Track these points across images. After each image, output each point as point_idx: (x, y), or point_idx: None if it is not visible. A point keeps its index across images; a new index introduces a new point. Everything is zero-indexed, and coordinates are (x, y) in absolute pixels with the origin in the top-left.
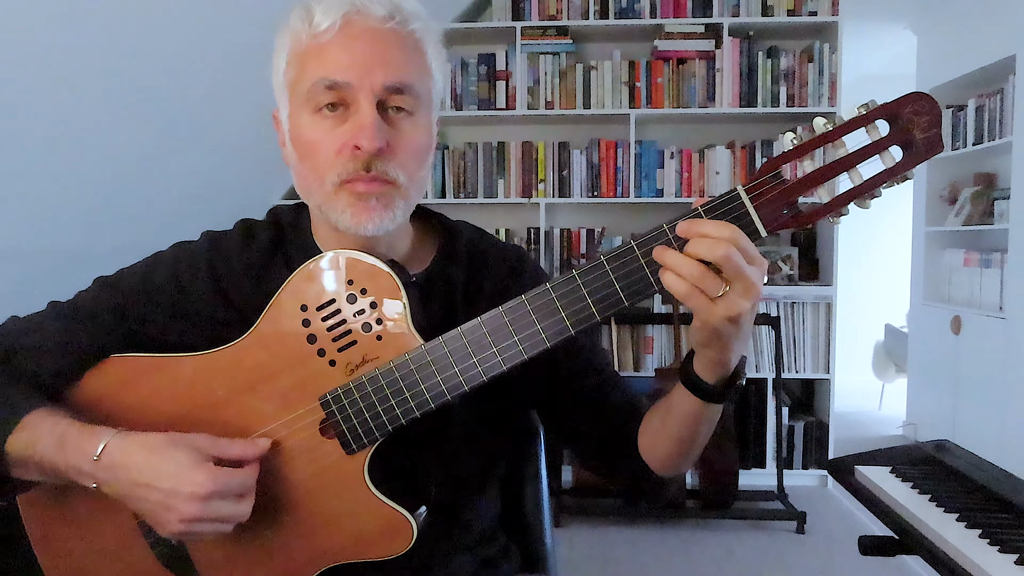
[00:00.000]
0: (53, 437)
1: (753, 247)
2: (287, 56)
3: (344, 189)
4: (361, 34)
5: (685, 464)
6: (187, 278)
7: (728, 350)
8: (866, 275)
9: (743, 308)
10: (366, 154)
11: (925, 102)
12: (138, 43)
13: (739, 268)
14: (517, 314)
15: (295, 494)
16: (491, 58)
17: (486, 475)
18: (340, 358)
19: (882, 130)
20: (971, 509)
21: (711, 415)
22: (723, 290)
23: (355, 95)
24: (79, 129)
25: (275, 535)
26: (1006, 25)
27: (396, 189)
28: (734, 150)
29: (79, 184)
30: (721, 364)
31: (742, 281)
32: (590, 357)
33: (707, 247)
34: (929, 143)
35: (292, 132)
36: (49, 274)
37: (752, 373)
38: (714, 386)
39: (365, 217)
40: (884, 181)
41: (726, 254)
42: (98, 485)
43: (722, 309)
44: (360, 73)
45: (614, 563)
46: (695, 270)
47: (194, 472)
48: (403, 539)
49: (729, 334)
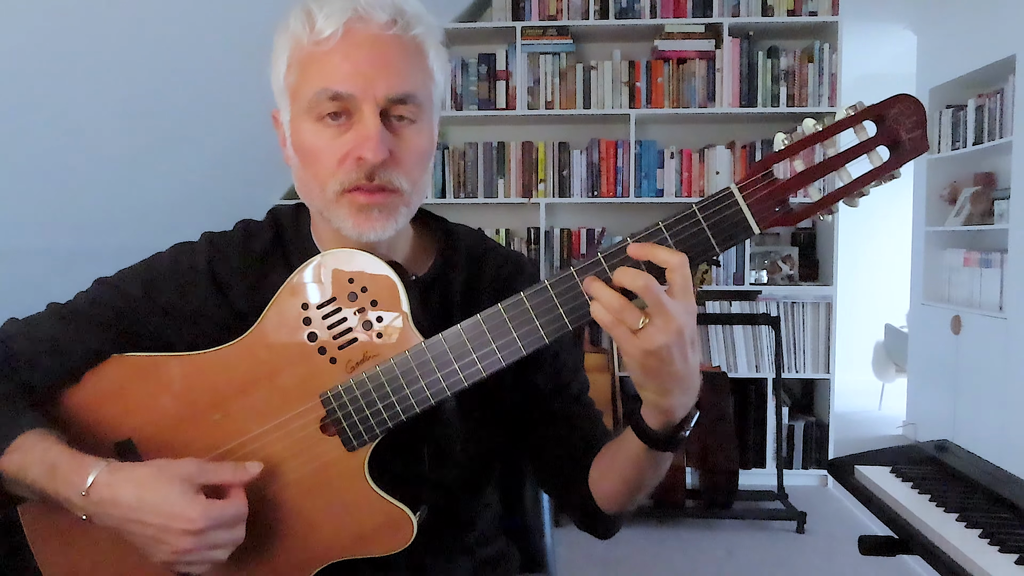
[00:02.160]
0: (44, 465)
1: (688, 283)
2: (287, 59)
3: (345, 198)
4: (363, 42)
5: (629, 504)
6: (187, 278)
7: (666, 395)
8: (866, 275)
9: (660, 342)
10: (369, 165)
11: (910, 103)
12: (138, 43)
13: (658, 300)
14: (516, 311)
15: (296, 491)
16: (491, 58)
17: (485, 476)
18: (341, 356)
19: (869, 131)
20: (971, 509)
21: (657, 461)
22: (642, 323)
23: (358, 105)
24: (79, 129)
25: (276, 532)
26: (1006, 25)
27: (399, 197)
28: (734, 150)
29: (79, 184)
30: (662, 411)
31: (662, 315)
32: (570, 379)
33: (630, 277)
34: (914, 143)
35: (294, 137)
36: (49, 274)
37: (752, 373)
38: (656, 432)
39: (367, 226)
40: (872, 180)
41: (645, 284)
42: (88, 518)
43: (641, 341)
44: (363, 84)
45: (614, 563)
46: (615, 302)
47: (185, 507)
48: (403, 535)
49: (655, 370)
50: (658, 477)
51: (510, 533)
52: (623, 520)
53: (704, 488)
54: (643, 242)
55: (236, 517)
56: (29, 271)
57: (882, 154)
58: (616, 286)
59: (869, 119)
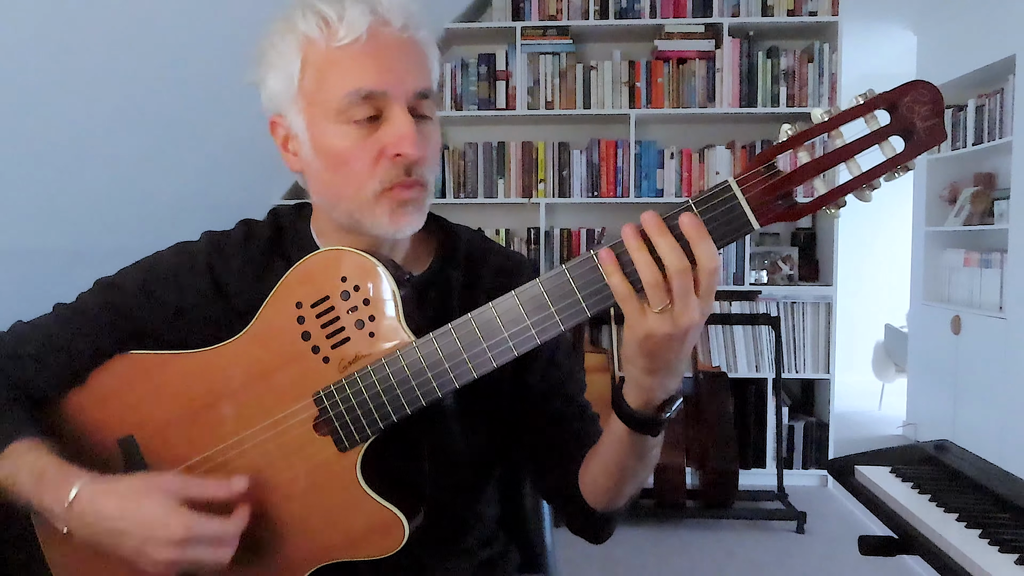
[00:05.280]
0: (33, 475)
1: (714, 288)
2: (300, 63)
3: (386, 197)
4: (390, 43)
5: (616, 498)
6: (187, 278)
7: (652, 374)
8: (866, 275)
9: (668, 330)
10: (410, 161)
11: (926, 90)
12: (138, 43)
13: (688, 292)
14: (506, 309)
15: (288, 491)
16: (491, 58)
17: (484, 476)
18: (334, 355)
19: (881, 120)
20: (971, 509)
21: (639, 447)
22: (663, 306)
23: (389, 103)
24: (79, 129)
25: (268, 532)
26: (1006, 25)
27: (426, 191)
28: (734, 150)
29: (79, 184)
30: (644, 389)
31: (684, 307)
32: (565, 380)
33: (676, 253)
34: (931, 132)
35: (315, 141)
36: (49, 274)
37: (752, 373)
38: (636, 412)
39: (404, 222)
40: (884, 172)
41: (684, 268)
42: (69, 531)
43: (651, 323)
44: (394, 81)
45: (614, 563)
46: (651, 276)
47: (168, 517)
48: (394, 538)
49: (650, 352)
50: (644, 468)
51: (510, 533)
52: (615, 523)
53: (704, 488)
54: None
55: (218, 534)
56: (29, 271)
57: (895, 144)
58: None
59: (881, 107)
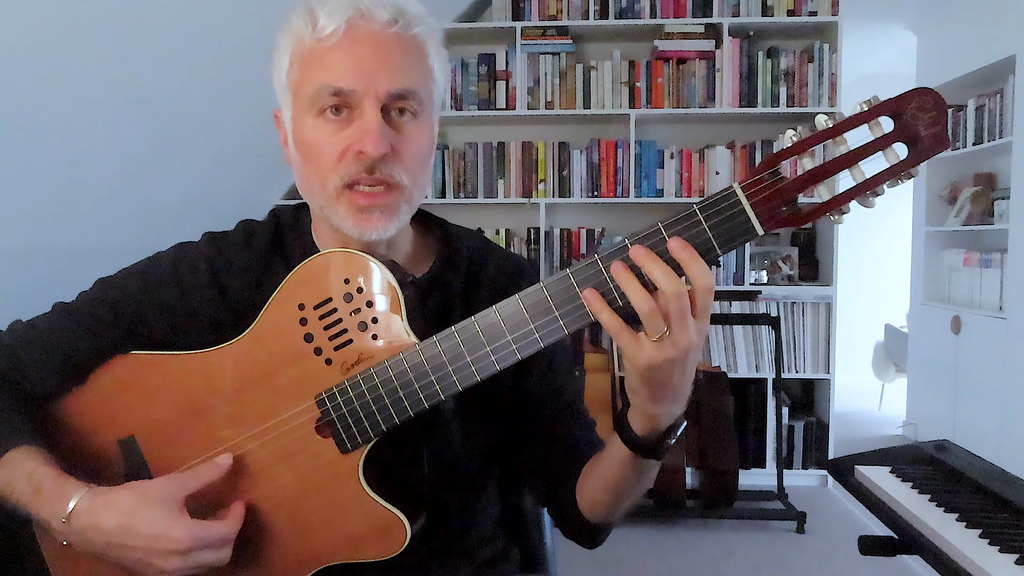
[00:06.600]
0: (30, 485)
1: (710, 306)
2: (290, 57)
3: (345, 195)
4: (365, 39)
5: (613, 512)
6: (187, 278)
7: (657, 402)
8: (866, 275)
9: (668, 356)
10: (370, 159)
11: (930, 97)
12: (138, 43)
13: (684, 315)
14: (509, 312)
15: (290, 492)
16: (491, 58)
17: (485, 476)
18: (336, 357)
19: (885, 127)
20: (971, 509)
21: (641, 469)
22: (660, 334)
23: (359, 100)
24: (79, 129)
25: (269, 533)
26: (1006, 25)
27: (400, 193)
28: (734, 150)
29: (79, 184)
30: (649, 417)
31: (682, 330)
32: (563, 385)
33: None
34: (934, 139)
35: (295, 134)
36: (49, 274)
37: (752, 373)
38: (641, 438)
39: (368, 226)
40: (887, 179)
41: (679, 292)
42: (69, 544)
43: (650, 352)
44: (364, 80)
45: (614, 563)
46: (646, 305)
47: (171, 528)
48: (396, 540)
49: (652, 380)
50: (642, 487)
51: (510, 533)
52: (608, 531)
53: (704, 488)
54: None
55: (222, 538)
56: (29, 271)
57: (899, 151)
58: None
59: (885, 114)
